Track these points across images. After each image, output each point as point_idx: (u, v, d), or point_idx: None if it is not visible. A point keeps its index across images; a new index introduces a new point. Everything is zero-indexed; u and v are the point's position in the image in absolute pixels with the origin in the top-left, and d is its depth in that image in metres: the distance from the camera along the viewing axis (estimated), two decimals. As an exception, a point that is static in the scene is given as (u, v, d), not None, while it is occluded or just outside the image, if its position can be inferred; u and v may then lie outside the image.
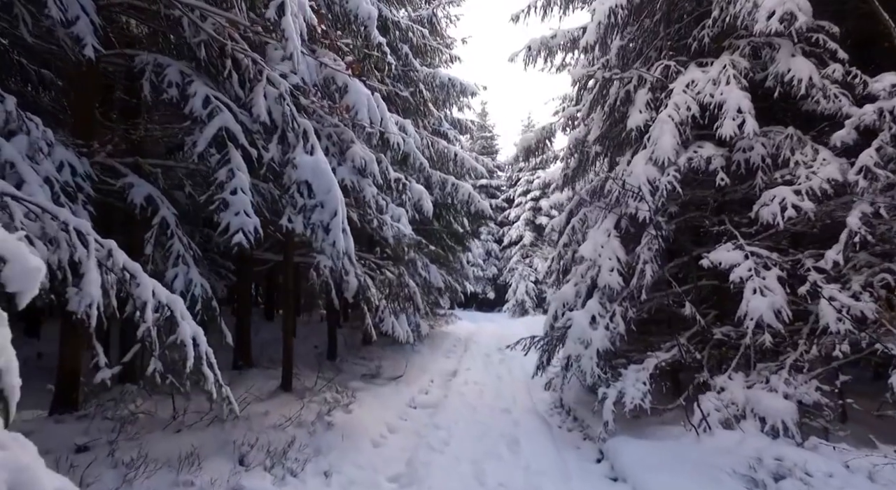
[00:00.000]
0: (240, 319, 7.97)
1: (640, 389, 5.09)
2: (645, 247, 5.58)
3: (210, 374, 2.86)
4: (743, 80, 5.26)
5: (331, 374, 7.90)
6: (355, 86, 5.31)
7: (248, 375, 6.99)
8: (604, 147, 7.36)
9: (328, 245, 3.95)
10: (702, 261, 5.07)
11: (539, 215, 28.33)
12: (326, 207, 4.00)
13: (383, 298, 6.41)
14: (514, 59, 8.96)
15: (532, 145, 10.04)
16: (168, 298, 2.76)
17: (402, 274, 6.16)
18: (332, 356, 10.02)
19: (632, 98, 6.47)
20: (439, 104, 12.67)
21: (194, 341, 2.76)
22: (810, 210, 4.69)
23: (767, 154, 5.32)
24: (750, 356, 5.15)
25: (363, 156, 5.20)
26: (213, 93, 4.00)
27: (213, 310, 4.01)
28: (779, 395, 4.39)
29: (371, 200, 5.32)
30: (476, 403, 7.49)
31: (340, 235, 3.94)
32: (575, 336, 5.92)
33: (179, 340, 2.68)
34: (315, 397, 6.15)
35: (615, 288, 5.84)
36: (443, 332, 16.39)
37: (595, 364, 5.61)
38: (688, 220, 5.90)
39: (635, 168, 5.69)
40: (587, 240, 6.58)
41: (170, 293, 2.79)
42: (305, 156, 4.11)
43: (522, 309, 26.30)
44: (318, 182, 4.04)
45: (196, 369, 2.77)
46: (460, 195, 10.91)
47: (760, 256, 4.93)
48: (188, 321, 2.77)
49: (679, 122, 5.47)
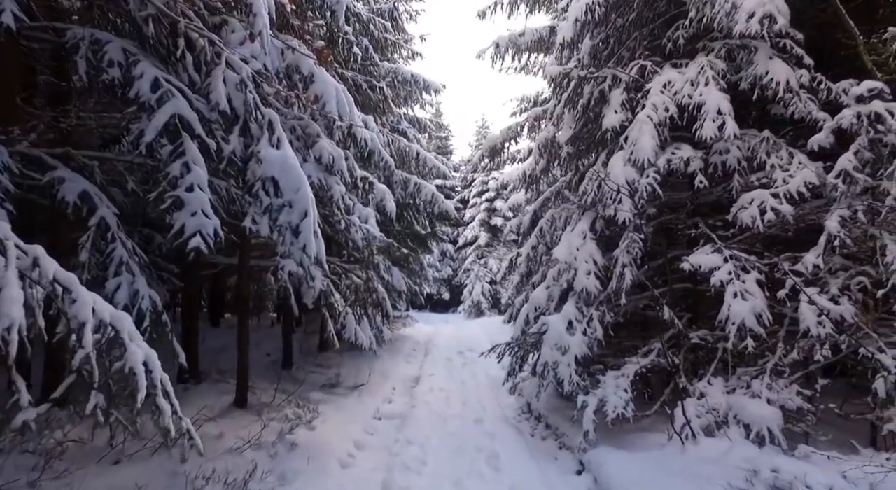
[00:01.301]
0: (186, 328, 7.29)
1: (622, 397, 4.94)
2: (624, 250, 5.45)
3: (167, 405, 2.39)
4: (721, 81, 5.22)
5: (289, 386, 7.37)
6: (323, 76, 4.88)
7: (197, 391, 6.37)
8: (576, 148, 7.23)
9: (297, 250, 3.52)
10: (682, 264, 4.98)
11: (494, 216, 28.46)
12: (296, 207, 3.57)
13: (349, 305, 5.98)
14: (481, 56, 8.74)
15: (498, 145, 9.86)
16: (112, 316, 2.26)
17: (370, 279, 5.77)
18: (287, 364, 9.43)
19: (606, 98, 6.35)
20: (400, 101, 12.28)
21: (146, 367, 2.28)
22: (789, 213, 4.68)
23: (743, 157, 5.31)
24: (728, 360, 5.13)
25: (331, 151, 4.77)
26: (164, 75, 3.48)
27: (163, 325, 3.47)
28: (762, 401, 4.34)
29: (339, 200, 4.90)
30: (445, 413, 7.18)
31: (312, 239, 3.52)
32: (551, 342, 5.73)
33: (128, 368, 2.20)
34: (274, 414, 5.65)
35: (592, 292, 5.69)
36: (401, 336, 15.98)
37: (573, 371, 5.44)
38: (663, 222, 5.84)
39: (613, 169, 5.56)
40: (560, 242, 6.42)
41: (114, 309, 2.29)
42: (271, 149, 3.66)
43: (478, 310, 26.25)
44: (287, 179, 3.61)
45: (149, 400, 2.30)
46: (423, 195, 10.59)
47: (739, 259, 4.89)
48: (138, 343, 2.29)
49: (658, 123, 5.38)
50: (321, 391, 7.80)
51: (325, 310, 6.56)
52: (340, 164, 4.92)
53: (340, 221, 5.33)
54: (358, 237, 5.42)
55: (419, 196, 10.52)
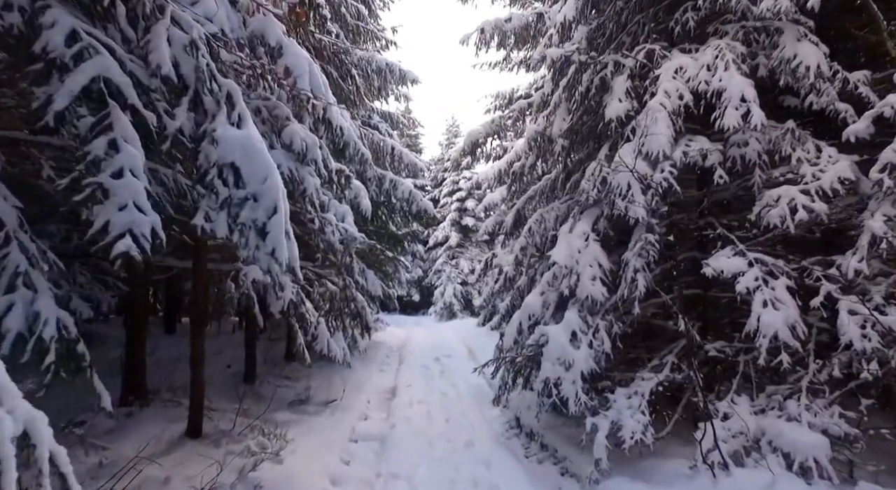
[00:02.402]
0: (132, 340, 6.35)
1: (639, 421, 4.35)
2: (636, 253, 4.88)
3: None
4: (743, 65, 4.72)
5: (253, 405, 6.52)
6: (293, 47, 4.10)
7: (142, 417, 5.46)
8: (570, 141, 6.65)
9: (264, 254, 2.77)
10: (704, 269, 4.44)
11: (465, 216, 27.97)
12: (262, 201, 2.82)
13: (322, 315, 5.21)
14: (465, 42, 8.08)
15: (480, 140, 9.22)
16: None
17: (347, 285, 5.01)
18: (250, 378, 8.53)
19: (608, 86, 5.79)
20: (373, 92, 11.50)
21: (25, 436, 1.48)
22: (823, 212, 4.20)
23: (764, 150, 4.82)
24: (751, 376, 4.62)
25: (304, 137, 4.01)
26: (86, 28, 2.66)
27: (78, 358, 2.63)
28: (802, 425, 3.83)
29: (313, 195, 4.14)
30: (428, 432, 6.47)
31: (283, 240, 2.78)
32: (553, 356, 5.11)
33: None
34: (235, 445, 4.83)
35: (599, 299, 5.11)
36: (373, 342, 15.13)
37: (580, 389, 4.83)
38: (674, 222, 5.32)
39: (622, 166, 4.98)
40: (558, 244, 5.81)
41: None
42: (231, 128, 2.89)
43: (450, 311, 25.61)
44: (250, 165, 2.85)
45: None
46: (399, 193, 9.85)
47: (765, 264, 4.38)
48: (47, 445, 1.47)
49: (672, 112, 4.84)
50: (290, 410, 6.97)
51: (294, 321, 5.75)
52: (314, 153, 4.16)
53: (315, 220, 4.57)
54: (335, 238, 4.67)
55: (395, 193, 9.78)
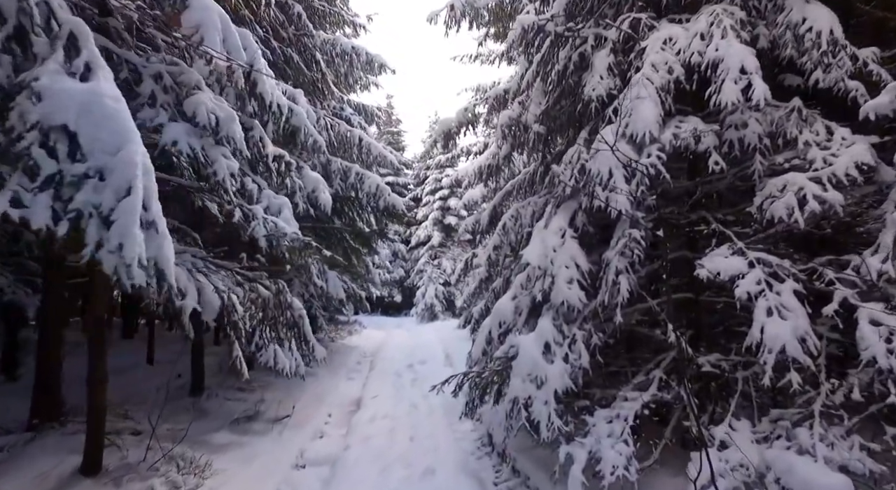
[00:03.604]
0: (44, 351, 5.52)
1: (621, 452, 3.65)
2: (618, 251, 4.18)
3: None
4: (743, 32, 4.04)
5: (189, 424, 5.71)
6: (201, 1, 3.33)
7: (42, 445, 4.62)
8: (547, 128, 5.95)
9: (108, 252, 2.01)
10: (697, 271, 3.75)
11: (448, 215, 27.29)
12: (111, 180, 2.06)
13: (255, 324, 4.44)
14: (433, 19, 7.33)
15: (453, 129, 8.48)
16: None
17: (281, 291, 4.24)
18: (196, 390, 7.71)
19: (588, 61, 5.10)
20: (341, 79, 10.71)
21: None
22: (838, 203, 3.53)
23: (765, 133, 4.15)
24: (751, 395, 3.95)
25: (212, 109, 3.24)
26: None
27: None
28: (818, 459, 3.15)
29: (227, 179, 3.37)
30: (387, 454, 5.73)
31: (135, 232, 2.02)
32: (523, 371, 4.40)
33: None
34: (140, 483, 4.03)
35: (576, 305, 4.40)
36: (345, 346, 14.34)
37: (553, 411, 4.12)
38: (662, 216, 4.63)
39: (602, 149, 4.28)
40: (531, 242, 5.11)
41: None
42: (68, 80, 2.12)
43: (432, 313, 24.91)
44: (96, 132, 2.09)
45: None
46: (367, 187, 9.07)
47: (769, 264, 3.71)
48: None
49: (660, 88, 4.15)
50: (230, 429, 6.17)
51: (229, 329, 4.97)
52: (230, 130, 3.39)
53: (234, 211, 3.79)
54: (260, 233, 3.90)
55: (362, 188, 9.01)
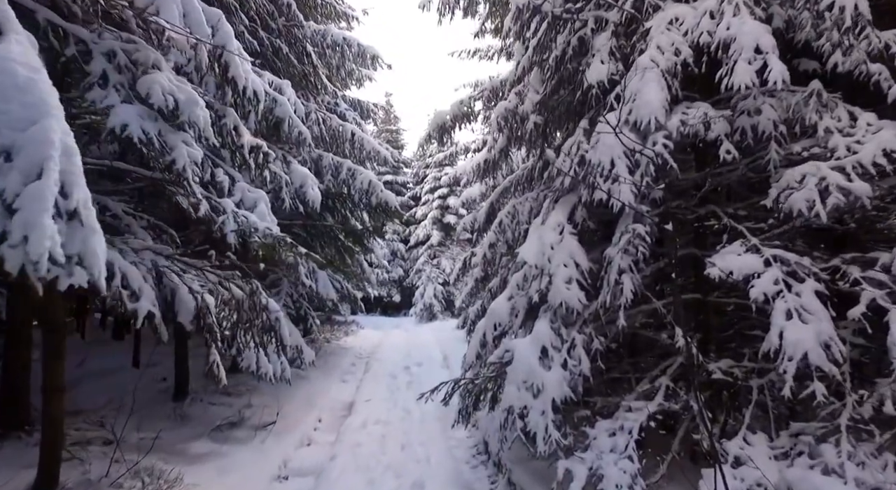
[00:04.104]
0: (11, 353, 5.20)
1: (625, 469, 3.32)
2: (621, 249, 3.85)
3: None
4: (757, 9, 3.70)
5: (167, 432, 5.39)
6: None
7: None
8: (545, 117, 5.61)
9: (11, 247, 1.67)
10: (708, 270, 3.42)
11: (447, 214, 27.02)
12: (18, 161, 1.73)
13: (229, 327, 4.11)
14: (425, 6, 7.00)
15: (448, 122, 8.12)
16: None
17: (255, 291, 3.91)
18: (180, 395, 7.38)
19: (588, 46, 4.77)
20: (333, 72, 10.38)
21: None
22: (865, 194, 3.19)
23: (780, 119, 3.81)
24: (767, 406, 3.62)
25: (170, 89, 2.91)
26: None
27: None
28: (847, 482, 2.82)
29: (188, 168, 3.03)
30: (375, 465, 5.41)
31: (47, 223, 1.67)
32: (518, 378, 4.07)
33: None
34: (100, 501, 3.71)
35: (575, 307, 4.07)
36: (341, 347, 14.00)
37: (551, 422, 3.79)
38: (669, 210, 4.29)
39: (604, 136, 3.95)
40: (528, 239, 4.78)
41: None
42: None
43: (430, 313, 24.63)
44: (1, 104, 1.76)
45: None
46: (358, 183, 8.74)
47: (787, 262, 3.37)
48: None
49: (666, 70, 3.82)
50: (211, 437, 5.84)
51: (206, 333, 4.64)
52: (192, 114, 3.06)
53: (200, 205, 3.45)
54: (229, 228, 3.57)
55: (353, 184, 8.67)
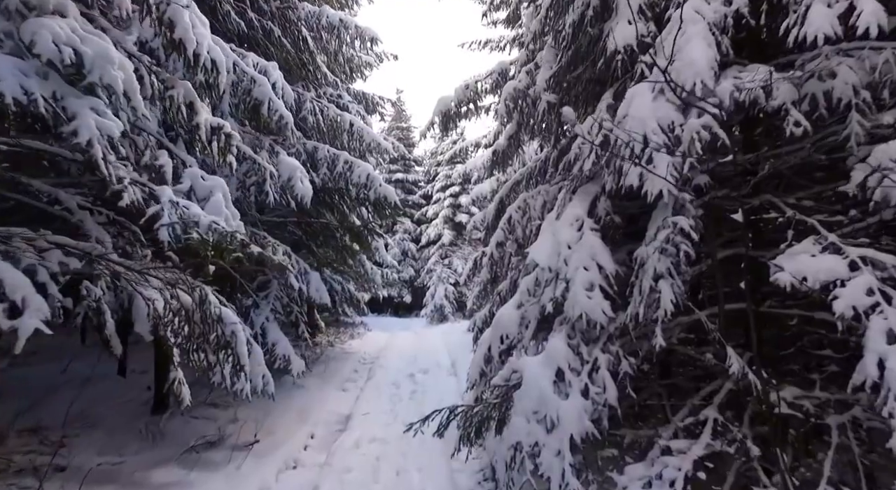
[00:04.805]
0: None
1: (668, 536, 2.55)
2: (657, 248, 3.06)
3: None
4: (834, -60, 2.89)
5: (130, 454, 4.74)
6: None
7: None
8: (559, 96, 4.83)
9: None
10: (775, 275, 2.62)
11: (459, 212, 26.33)
12: None
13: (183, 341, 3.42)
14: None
15: (452, 109, 7.39)
16: None
17: (205, 300, 3.20)
18: (160, 407, 6.75)
19: (612, 6, 3.98)
20: (331, 58, 9.69)
21: None
22: None
23: (862, 84, 2.99)
24: (853, 450, 2.81)
25: (68, 39, 2.21)
26: None
27: None
28: None
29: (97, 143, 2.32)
30: (365, 496, 4.69)
31: None
32: (527, 408, 3.31)
33: None
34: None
35: (598, 319, 3.29)
36: (344, 352, 13.31)
37: (568, 466, 3.02)
38: (712, 200, 3.49)
39: (636, 107, 3.17)
40: (541, 236, 4.02)
41: None
42: None
43: (441, 314, 23.93)
44: None
45: None
46: (356, 176, 8.03)
47: (881, 266, 2.56)
48: None
49: (713, 23, 3.03)
50: (180, 462, 5.17)
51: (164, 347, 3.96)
52: (105, 75, 2.36)
53: (123, 192, 2.76)
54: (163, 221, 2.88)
55: (351, 177, 7.97)
